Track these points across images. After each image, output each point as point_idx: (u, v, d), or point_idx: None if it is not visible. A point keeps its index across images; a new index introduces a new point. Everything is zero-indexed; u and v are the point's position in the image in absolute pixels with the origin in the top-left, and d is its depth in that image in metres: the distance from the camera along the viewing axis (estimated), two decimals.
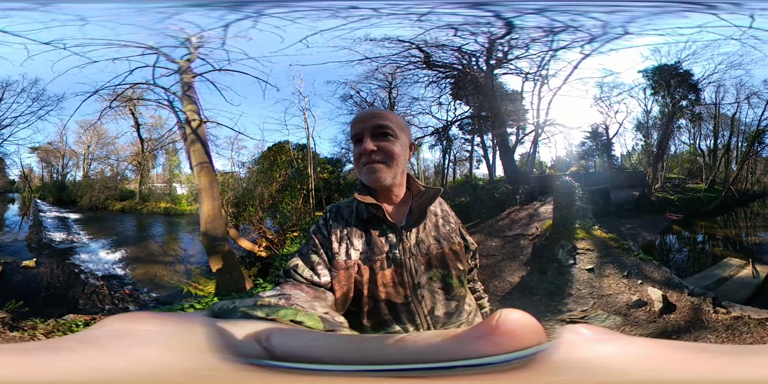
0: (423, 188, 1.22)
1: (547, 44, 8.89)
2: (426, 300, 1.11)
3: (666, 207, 9.77)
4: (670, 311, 4.53)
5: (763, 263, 6.53)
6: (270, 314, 0.51)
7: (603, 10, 7.44)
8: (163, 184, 12.04)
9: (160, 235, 10.59)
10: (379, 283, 1.08)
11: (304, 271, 1.05)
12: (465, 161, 12.36)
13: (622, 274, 5.28)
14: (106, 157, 11.56)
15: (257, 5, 7.07)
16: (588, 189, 8.39)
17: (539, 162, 11.96)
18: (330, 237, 1.13)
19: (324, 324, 0.54)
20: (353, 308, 1.09)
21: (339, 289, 1.05)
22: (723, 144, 10.49)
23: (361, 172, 1.14)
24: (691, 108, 9.99)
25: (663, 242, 9.26)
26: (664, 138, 10.16)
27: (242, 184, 10.37)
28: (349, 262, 1.08)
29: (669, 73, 9.53)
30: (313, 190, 9.50)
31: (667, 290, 4.81)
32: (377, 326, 1.09)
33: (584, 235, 6.53)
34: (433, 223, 1.22)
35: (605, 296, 4.79)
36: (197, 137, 7.11)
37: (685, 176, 11.34)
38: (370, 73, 9.92)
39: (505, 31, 8.46)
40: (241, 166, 11.16)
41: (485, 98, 10.33)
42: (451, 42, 8.94)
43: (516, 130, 11.12)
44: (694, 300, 4.66)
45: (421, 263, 1.12)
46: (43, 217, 10.50)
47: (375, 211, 1.13)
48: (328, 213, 1.20)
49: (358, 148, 1.13)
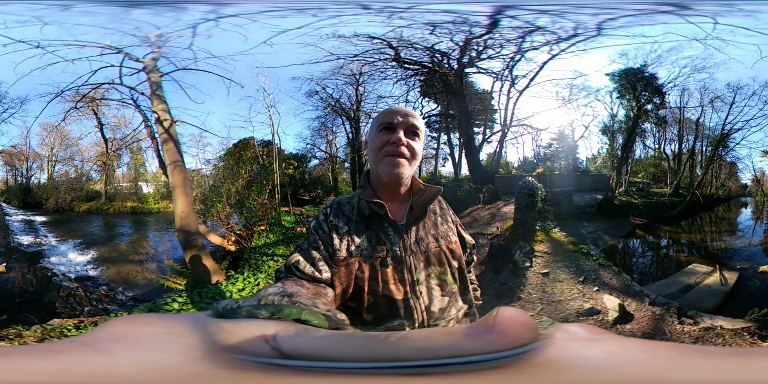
0: (423, 186, 1.21)
1: (517, 45, 8.65)
2: (423, 296, 1.11)
3: (630, 211, 9.40)
4: (626, 321, 3.97)
5: (729, 269, 6.11)
6: (275, 313, 0.46)
7: (575, 11, 7.16)
8: (129, 184, 11.85)
9: (129, 235, 10.40)
10: (380, 279, 1.07)
11: (305, 268, 1.04)
12: (431, 159, 11.98)
13: (577, 280, 4.70)
14: (70, 159, 11.33)
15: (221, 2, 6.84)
16: (551, 191, 7.95)
17: (506, 162, 11.68)
18: (330, 233, 1.12)
19: (328, 322, 0.48)
20: (352, 303, 1.08)
21: (339, 285, 1.05)
22: (688, 148, 10.26)
23: (382, 162, 1.11)
24: (655, 112, 9.72)
25: (626, 247, 8.86)
26: (629, 141, 9.86)
27: (208, 181, 10.30)
28: (350, 259, 1.08)
29: (635, 76, 9.24)
30: (278, 185, 9.23)
31: (625, 299, 4.25)
32: (376, 321, 1.07)
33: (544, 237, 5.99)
34: (432, 221, 1.21)
35: (555, 302, 4.22)
36: (169, 136, 7.12)
37: (649, 180, 11.06)
38: (336, 70, 9.55)
39: (478, 31, 8.21)
40: (207, 164, 11.09)
41: (454, 97, 10.00)
42: (424, 40, 8.66)
43: (483, 129, 10.86)
44: (656, 310, 4.11)
45: (420, 261, 1.12)
46: (9, 221, 10.11)
47: (377, 209, 1.12)
48: (329, 208, 1.19)
49: (387, 136, 1.11)
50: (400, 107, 1.18)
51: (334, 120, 11.09)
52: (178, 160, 7.09)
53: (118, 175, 11.75)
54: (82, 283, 7.06)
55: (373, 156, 1.14)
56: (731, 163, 9.92)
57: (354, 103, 10.61)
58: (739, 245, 8.48)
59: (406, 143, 1.09)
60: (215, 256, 7.83)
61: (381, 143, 1.11)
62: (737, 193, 10.38)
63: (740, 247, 8.33)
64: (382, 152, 1.11)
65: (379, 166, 1.12)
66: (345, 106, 10.67)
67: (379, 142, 1.11)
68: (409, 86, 10.31)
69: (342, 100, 10.59)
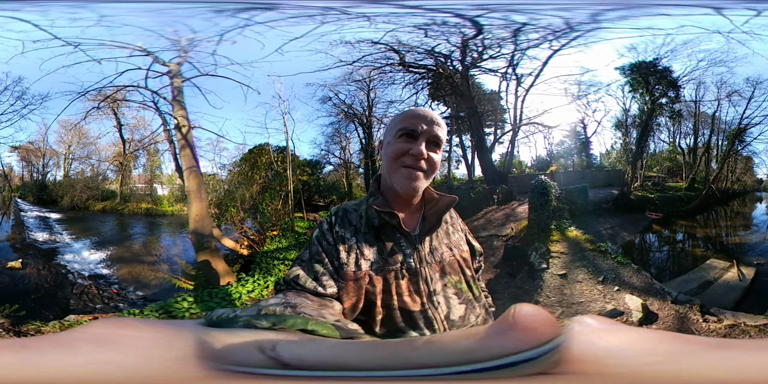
0: (437, 195, 1.14)
1: (521, 43, 8.45)
2: (442, 306, 1.03)
3: (645, 206, 9.11)
4: (651, 321, 3.79)
5: (746, 264, 5.88)
6: (277, 324, 0.46)
7: (579, 6, 6.90)
8: (144, 185, 11.63)
9: (142, 236, 10.24)
10: (394, 292, 0.99)
11: (306, 282, 0.95)
12: (444, 162, 11.72)
13: (597, 280, 4.52)
14: (87, 157, 11.11)
15: (252, 11, 6.72)
16: (566, 188, 7.75)
17: (519, 162, 11.42)
18: (336, 245, 1.02)
19: (339, 332, 0.49)
20: (362, 317, 0.98)
21: (347, 300, 0.96)
22: (703, 142, 9.88)
23: (397, 172, 1.02)
24: (670, 105, 9.36)
25: (642, 242, 8.62)
26: (644, 135, 9.53)
27: (224, 186, 10.20)
28: (359, 273, 0.99)
29: (648, 69, 8.90)
30: (291, 191, 9.17)
31: (647, 298, 4.07)
32: (391, 334, 0.97)
33: (559, 237, 5.79)
34: (444, 230, 1.15)
35: (575, 304, 4.05)
36: (187, 142, 7.16)
37: (664, 175, 10.72)
38: (347, 76, 9.51)
39: (473, 32, 8.02)
40: (223, 168, 10.90)
41: (462, 98, 9.83)
42: (424, 44, 8.54)
43: (494, 129, 10.69)
44: (679, 308, 3.94)
45: (435, 271, 1.05)
46: (25, 217, 9.99)
47: (389, 219, 1.03)
48: (333, 217, 1.09)
49: (407, 146, 1.01)
50: (425, 111, 1.05)
51: (347, 126, 11.05)
52: (193, 165, 7.13)
53: (134, 176, 11.55)
54: (95, 281, 7.11)
55: (388, 163, 1.04)
56: (747, 157, 9.56)
57: (366, 109, 10.50)
58: (754, 240, 8.22)
59: (426, 156, 1.00)
60: (227, 259, 7.88)
61: (399, 152, 1.01)
62: (753, 188, 10.01)
63: (755, 242, 8.07)
64: (399, 162, 1.02)
65: (393, 175, 1.03)
66: (357, 111, 10.62)
67: (397, 150, 1.01)
68: (417, 90, 10.18)
69: (354, 105, 10.51)
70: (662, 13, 6.84)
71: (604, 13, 6.83)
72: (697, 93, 9.12)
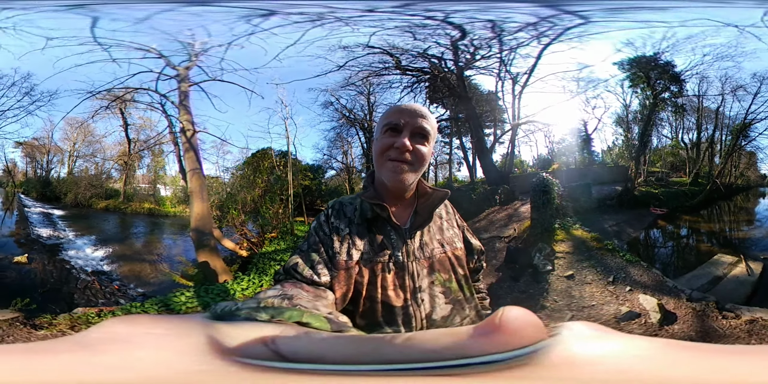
0: (430, 190, 1.13)
1: (510, 40, 8.28)
2: (425, 304, 1.02)
3: (650, 202, 9.03)
4: (671, 322, 3.62)
5: (753, 259, 5.84)
6: (275, 316, 0.47)
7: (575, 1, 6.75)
8: (148, 185, 11.64)
9: (144, 235, 10.40)
10: (379, 285, 1.00)
11: (304, 270, 0.98)
12: (446, 164, 11.74)
13: (606, 280, 4.35)
14: (92, 155, 11.04)
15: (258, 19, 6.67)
16: (568, 186, 7.64)
17: (520, 161, 11.33)
18: (331, 235, 1.05)
19: (331, 325, 0.50)
20: (349, 307, 1.00)
21: (339, 288, 0.98)
22: (707, 137, 9.77)
23: (384, 166, 1.04)
24: (673, 100, 9.25)
25: (648, 238, 8.56)
26: (646, 131, 9.44)
27: (226, 188, 10.29)
28: (350, 263, 1.01)
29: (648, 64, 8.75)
30: (291, 196, 9.25)
31: (661, 297, 3.90)
32: (369, 327, 0.98)
33: (564, 236, 5.63)
34: (438, 225, 1.13)
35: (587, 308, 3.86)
36: (191, 146, 7.37)
37: (668, 170, 10.61)
38: (346, 81, 9.48)
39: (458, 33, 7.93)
40: (225, 171, 10.98)
41: (459, 100, 9.79)
42: (415, 47, 8.51)
43: (494, 130, 10.61)
44: (696, 306, 3.78)
45: (423, 267, 1.05)
46: (28, 213, 10.04)
47: (380, 212, 1.05)
48: (330, 209, 1.12)
49: (392, 140, 1.01)
50: (408, 105, 1.04)
51: (349, 130, 11.00)
52: (197, 168, 7.35)
53: (137, 175, 11.52)
54: (97, 277, 7.19)
55: (376, 159, 1.06)
56: (751, 152, 9.45)
57: (366, 113, 10.51)
58: (758, 235, 8.23)
59: (411, 148, 1.00)
60: (227, 260, 8.00)
61: (384, 146, 1.02)
62: (756, 183, 9.91)
63: (759, 237, 8.09)
64: (385, 156, 1.03)
65: (381, 170, 1.05)
66: (358, 116, 10.60)
67: (383, 145, 1.03)
68: (415, 93, 10.13)
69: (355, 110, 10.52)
70: (666, 6, 6.66)
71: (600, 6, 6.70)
72: (700, 88, 8.96)
